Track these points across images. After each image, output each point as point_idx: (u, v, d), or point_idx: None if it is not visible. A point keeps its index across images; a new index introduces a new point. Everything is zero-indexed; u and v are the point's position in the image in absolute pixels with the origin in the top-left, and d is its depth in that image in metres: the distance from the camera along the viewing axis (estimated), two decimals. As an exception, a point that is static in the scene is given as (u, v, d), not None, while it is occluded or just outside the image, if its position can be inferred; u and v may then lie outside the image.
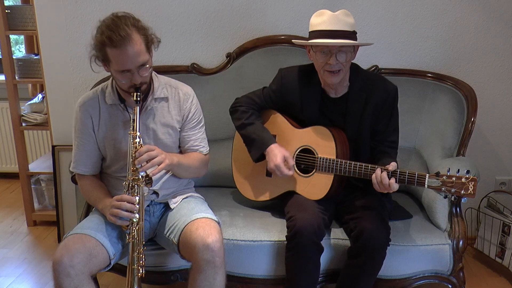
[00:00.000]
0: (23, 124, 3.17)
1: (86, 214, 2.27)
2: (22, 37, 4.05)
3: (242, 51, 2.67)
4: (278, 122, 2.29)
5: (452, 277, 2.20)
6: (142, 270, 1.91)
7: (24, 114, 3.20)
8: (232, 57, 2.68)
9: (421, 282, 2.22)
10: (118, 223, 1.92)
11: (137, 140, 1.92)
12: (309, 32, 2.10)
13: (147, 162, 1.89)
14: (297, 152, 2.22)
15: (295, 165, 2.21)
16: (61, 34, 2.78)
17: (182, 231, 1.96)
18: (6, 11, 3.00)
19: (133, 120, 1.93)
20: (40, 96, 3.34)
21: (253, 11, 2.70)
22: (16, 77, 3.11)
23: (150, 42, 1.93)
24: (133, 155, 1.91)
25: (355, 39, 2.06)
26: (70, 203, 2.95)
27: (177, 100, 2.11)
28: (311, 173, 2.18)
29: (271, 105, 2.32)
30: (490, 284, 2.62)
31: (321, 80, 2.16)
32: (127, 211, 1.89)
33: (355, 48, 2.09)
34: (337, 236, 2.15)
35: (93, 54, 1.92)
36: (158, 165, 1.91)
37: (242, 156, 2.35)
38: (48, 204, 3.33)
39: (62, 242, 1.89)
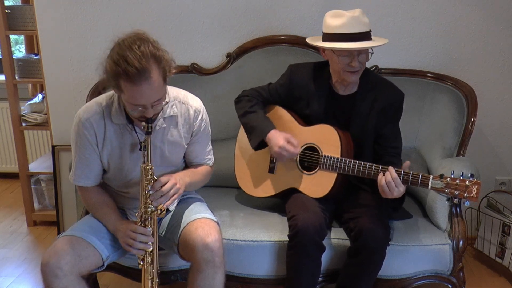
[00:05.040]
0: (23, 124, 3.17)
1: (86, 214, 2.26)
2: (22, 37, 4.05)
3: (242, 51, 2.67)
4: (284, 119, 2.29)
5: (452, 277, 2.20)
6: None
7: (24, 114, 3.20)
8: (232, 57, 2.68)
9: (421, 282, 2.22)
10: (133, 253, 1.90)
11: (150, 172, 1.85)
12: (327, 34, 2.09)
13: (160, 196, 1.85)
14: (301, 150, 2.22)
15: (298, 163, 2.22)
16: (61, 34, 2.78)
17: (181, 231, 1.96)
18: (6, 11, 3.00)
19: (144, 151, 1.85)
20: (40, 96, 3.34)
21: (253, 11, 2.70)
22: (16, 77, 3.11)
23: (167, 73, 1.78)
24: (146, 188, 1.86)
25: (371, 36, 2.09)
26: (70, 203, 2.95)
27: (187, 118, 2.01)
28: (314, 171, 2.18)
29: (277, 100, 2.32)
30: (490, 284, 2.62)
31: (336, 78, 2.17)
32: (141, 242, 1.87)
33: (373, 48, 2.12)
34: (338, 236, 2.15)
35: (104, 78, 1.78)
36: (172, 197, 1.87)
37: (245, 152, 2.35)
38: (48, 204, 3.33)
39: (52, 244, 1.89)
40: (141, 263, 1.90)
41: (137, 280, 2.21)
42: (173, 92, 2.01)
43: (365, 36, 2.05)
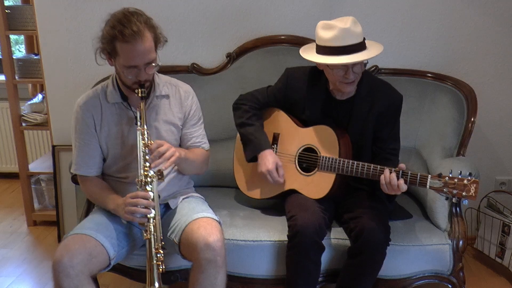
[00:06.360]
0: (23, 124, 3.18)
1: (86, 214, 2.27)
2: (22, 37, 4.05)
3: (242, 51, 2.67)
4: (282, 120, 2.30)
5: (452, 277, 2.20)
6: (163, 265, 1.90)
7: (24, 114, 3.20)
8: (232, 57, 2.68)
9: (421, 282, 2.22)
10: (136, 221, 1.91)
11: (146, 135, 1.93)
12: (319, 46, 2.06)
13: (158, 158, 1.90)
14: (300, 151, 2.22)
15: (297, 164, 2.22)
16: (61, 34, 2.78)
17: (183, 230, 1.96)
18: (6, 11, 3.00)
19: (140, 116, 1.94)
20: (40, 96, 3.34)
21: (253, 11, 2.70)
22: (16, 77, 3.11)
23: (158, 41, 1.94)
24: (144, 151, 1.91)
25: (365, 46, 2.05)
26: (70, 203, 2.95)
27: (178, 98, 2.13)
28: (312, 172, 2.18)
29: (274, 104, 2.32)
30: (490, 284, 2.62)
31: (333, 86, 2.15)
32: (143, 207, 1.88)
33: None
34: (338, 236, 2.15)
35: (100, 47, 1.91)
36: (169, 159, 1.92)
37: (243, 155, 2.35)
38: (48, 204, 3.33)
39: (62, 242, 1.89)
40: (145, 234, 1.90)
41: (137, 280, 2.22)
42: (165, 77, 2.16)
43: (358, 47, 2.01)
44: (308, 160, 2.21)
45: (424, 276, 2.21)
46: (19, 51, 4.39)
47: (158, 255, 1.89)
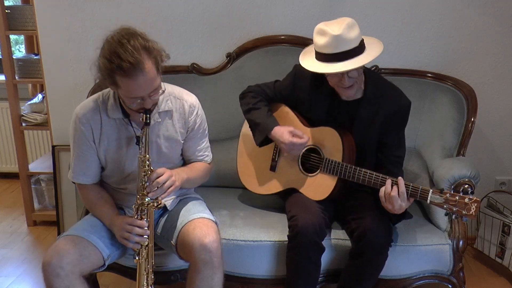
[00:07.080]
0: (23, 124, 3.17)
1: (86, 214, 2.26)
2: (22, 37, 4.05)
3: (242, 51, 2.67)
4: (288, 118, 2.29)
5: (452, 277, 2.20)
6: (153, 287, 1.90)
7: (24, 114, 3.20)
8: (232, 57, 2.68)
9: (421, 282, 2.22)
10: (129, 246, 1.91)
11: (147, 163, 1.87)
12: (315, 51, 2.05)
13: (157, 187, 1.86)
14: (303, 151, 2.22)
15: (299, 164, 2.22)
16: (61, 34, 2.78)
17: (179, 231, 1.96)
18: (6, 11, 2.99)
19: (142, 142, 1.87)
20: (40, 96, 3.34)
21: (253, 11, 2.70)
22: (16, 77, 3.11)
23: (160, 63, 1.81)
24: (142, 179, 1.87)
25: (363, 48, 2.02)
26: (70, 203, 2.95)
27: (182, 113, 2.04)
28: (315, 173, 2.18)
29: (280, 100, 2.31)
30: (490, 284, 2.62)
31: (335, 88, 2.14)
32: (137, 235, 1.88)
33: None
34: (338, 236, 2.15)
35: (99, 77, 1.80)
36: (168, 189, 1.88)
37: (248, 147, 2.34)
38: (48, 204, 3.33)
39: (53, 244, 1.89)
40: (137, 257, 1.90)
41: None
42: (168, 88, 2.04)
43: (351, 53, 1.96)
44: (311, 161, 2.20)
45: (424, 276, 2.21)
46: (19, 51, 4.39)
47: (148, 278, 1.89)
